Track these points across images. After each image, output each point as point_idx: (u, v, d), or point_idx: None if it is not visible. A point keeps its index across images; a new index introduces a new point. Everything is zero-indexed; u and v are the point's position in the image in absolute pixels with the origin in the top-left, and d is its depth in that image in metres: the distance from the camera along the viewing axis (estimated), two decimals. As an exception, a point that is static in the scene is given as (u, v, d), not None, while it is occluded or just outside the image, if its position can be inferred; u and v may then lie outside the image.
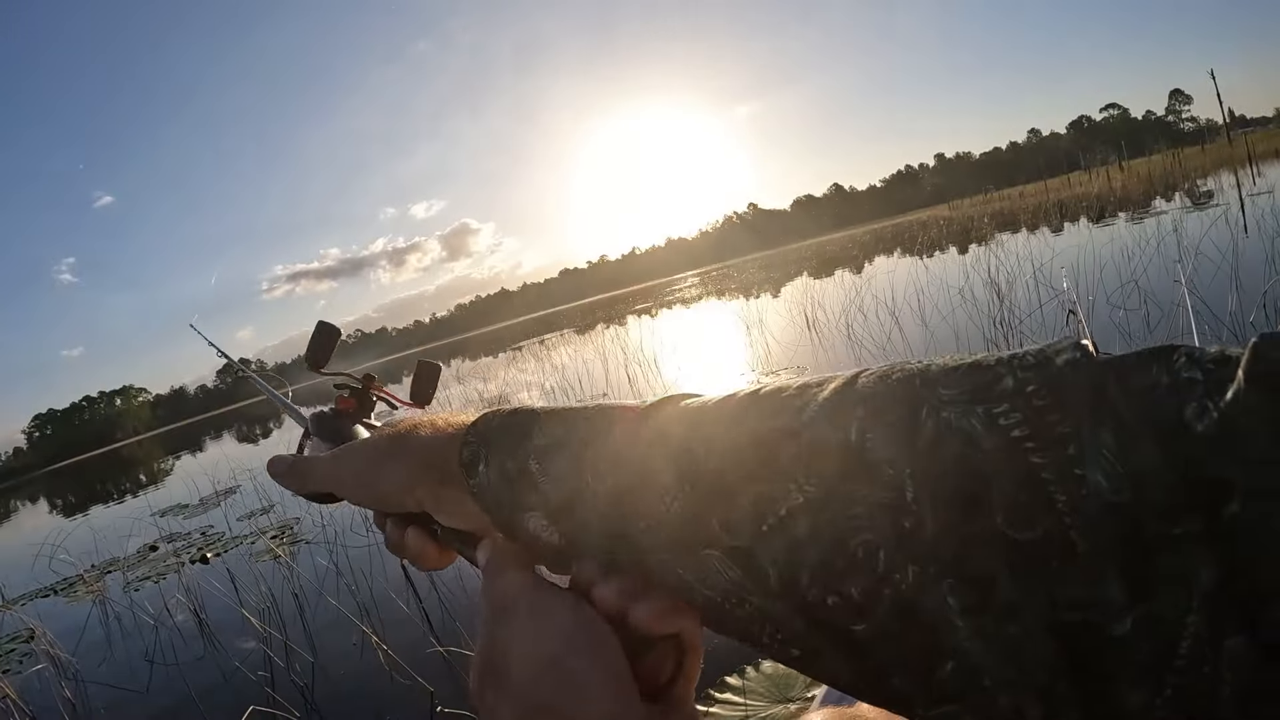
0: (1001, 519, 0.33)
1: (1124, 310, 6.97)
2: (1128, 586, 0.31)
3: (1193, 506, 0.30)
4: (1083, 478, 0.32)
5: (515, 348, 34.55)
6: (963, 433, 0.35)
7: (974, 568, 0.34)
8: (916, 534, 0.35)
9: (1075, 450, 0.32)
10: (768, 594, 0.41)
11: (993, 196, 56.26)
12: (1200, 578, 0.30)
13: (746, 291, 28.33)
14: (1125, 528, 0.31)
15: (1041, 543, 0.33)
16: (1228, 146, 46.19)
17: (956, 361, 0.38)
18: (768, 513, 0.40)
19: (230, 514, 10.09)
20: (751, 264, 71.55)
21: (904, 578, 0.36)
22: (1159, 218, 15.57)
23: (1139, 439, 0.31)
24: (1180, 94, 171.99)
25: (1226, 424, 0.30)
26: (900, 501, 0.36)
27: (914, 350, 7.67)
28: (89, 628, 6.36)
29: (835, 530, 0.37)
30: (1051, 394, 0.34)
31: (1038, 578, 0.33)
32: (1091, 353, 0.35)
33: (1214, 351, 0.32)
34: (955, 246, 22.22)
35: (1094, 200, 26.31)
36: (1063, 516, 0.32)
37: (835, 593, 0.38)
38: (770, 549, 0.40)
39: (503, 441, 0.54)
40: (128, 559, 8.91)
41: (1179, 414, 0.31)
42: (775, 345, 11.74)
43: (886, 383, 0.39)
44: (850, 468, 0.37)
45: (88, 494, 25.40)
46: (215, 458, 20.80)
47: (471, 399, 15.32)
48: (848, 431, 0.38)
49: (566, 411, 0.53)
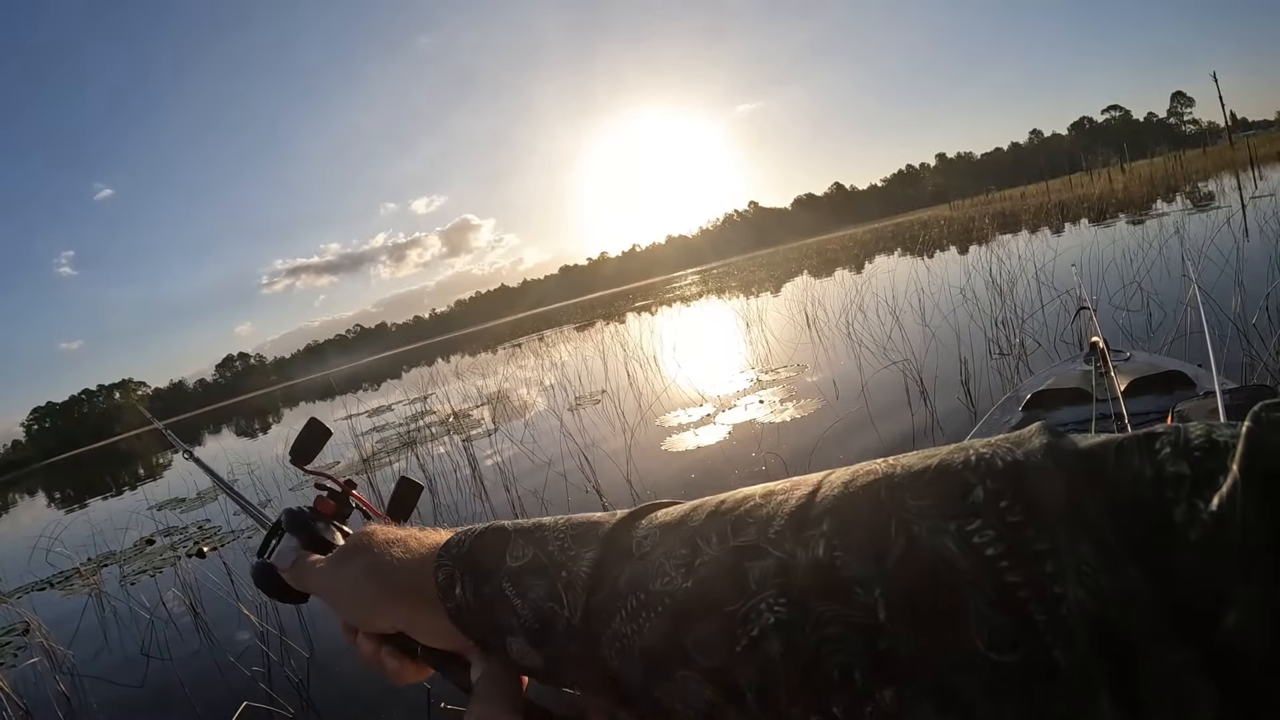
0: (980, 641, 0.31)
1: (1127, 311, 6.97)
2: (1120, 705, 0.29)
3: (1185, 635, 0.28)
4: (1062, 595, 0.30)
5: (515, 344, 34.60)
6: (935, 552, 0.33)
7: (954, 690, 0.32)
8: (892, 656, 0.34)
9: (1053, 567, 0.30)
10: (747, 714, 0.40)
11: (994, 197, 56.29)
12: (1198, 704, 0.27)
13: (746, 290, 28.40)
14: (1112, 645, 0.29)
15: (1023, 665, 0.31)
16: (1229, 149, 46.29)
17: (923, 462, 0.37)
18: (740, 634, 0.39)
19: (227, 509, 10.07)
20: (752, 262, 71.59)
21: (883, 698, 0.34)
22: (1161, 219, 15.60)
23: (1121, 557, 0.29)
24: (1182, 96, 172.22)
25: (1220, 531, 0.27)
26: (873, 622, 0.34)
27: (914, 349, 7.66)
28: (85, 621, 6.35)
29: (810, 651, 0.36)
30: (1025, 507, 0.32)
31: (1021, 699, 0.31)
32: (1066, 442, 0.33)
33: (1199, 437, 0.30)
34: (956, 246, 22.26)
35: (1095, 201, 26.32)
36: (1043, 636, 0.30)
37: (817, 712, 0.36)
38: (745, 670, 0.39)
39: (477, 564, 0.53)
40: (124, 552, 8.91)
41: (1166, 519, 0.29)
42: (775, 343, 11.76)
43: (851, 492, 0.38)
44: (821, 587, 0.36)
45: (85, 487, 25.41)
46: (214, 451, 20.83)
47: (470, 395, 15.33)
48: (816, 549, 0.37)
49: (537, 530, 0.52)
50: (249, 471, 12.76)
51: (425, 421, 13.08)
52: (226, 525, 9.00)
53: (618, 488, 5.77)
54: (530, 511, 5.79)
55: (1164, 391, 2.86)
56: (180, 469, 20.14)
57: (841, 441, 5.68)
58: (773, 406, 7.43)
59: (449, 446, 9.77)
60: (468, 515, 6.37)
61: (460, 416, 12.60)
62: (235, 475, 12.99)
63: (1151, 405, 2.69)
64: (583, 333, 28.43)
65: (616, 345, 17.19)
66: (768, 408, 7.43)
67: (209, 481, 5.00)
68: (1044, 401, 3.10)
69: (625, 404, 9.49)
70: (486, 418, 11.70)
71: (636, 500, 5.28)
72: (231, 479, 12.58)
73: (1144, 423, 1.88)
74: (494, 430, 10.26)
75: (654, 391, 10.01)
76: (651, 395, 9.78)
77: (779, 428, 6.58)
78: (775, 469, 5.36)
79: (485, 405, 13.28)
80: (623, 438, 7.55)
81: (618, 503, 5.36)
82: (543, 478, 6.55)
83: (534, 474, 6.91)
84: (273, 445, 17.28)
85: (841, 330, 10.93)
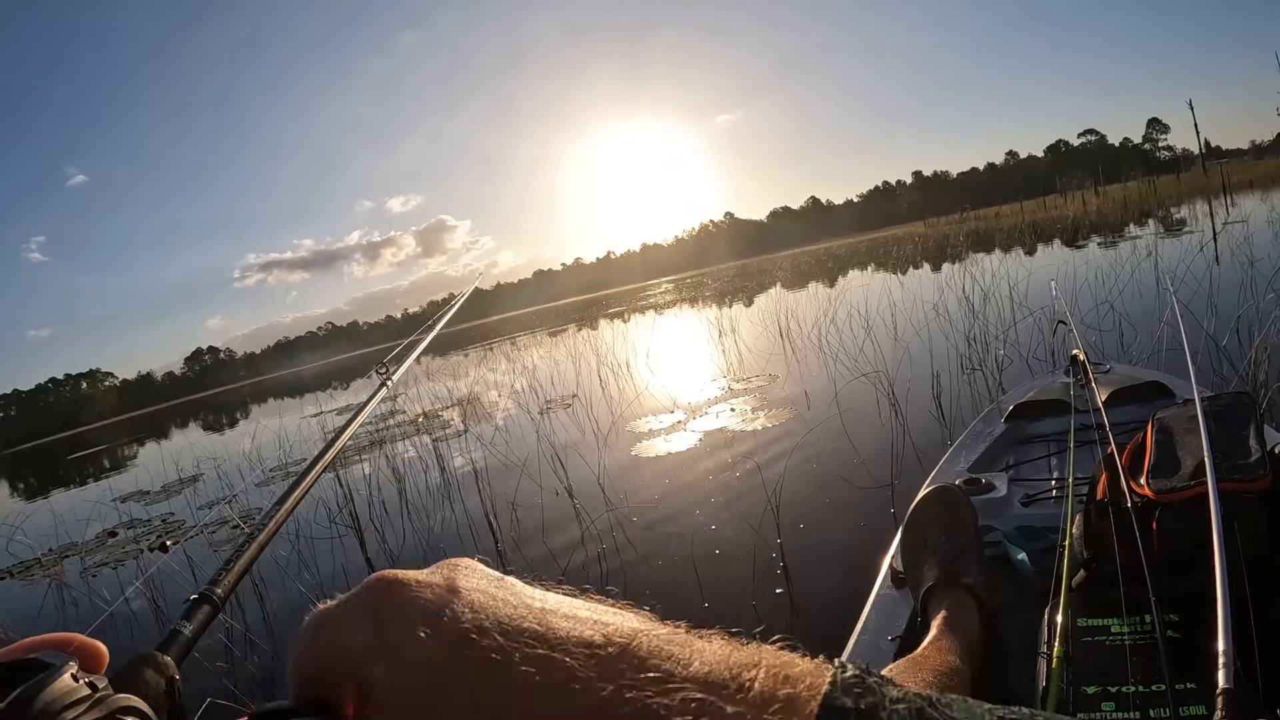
0: None
1: (1099, 330, 7.02)
2: None
3: None
4: None
5: (486, 346, 34.52)
6: None
7: None
8: None
9: None
10: None
11: (969, 216, 56.73)
12: None
13: (720, 300, 28.48)
14: None
15: None
16: (1203, 176, 46.87)
17: None
18: None
19: (192, 502, 9.99)
20: (726, 273, 71.88)
21: None
22: (1134, 242, 15.79)
23: None
24: (1158, 123, 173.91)
25: None
26: None
27: (886, 362, 7.70)
28: (44, 612, 6.26)
29: None
30: None
31: None
32: None
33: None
34: (929, 264, 22.40)
35: (1069, 223, 26.59)
36: None
37: None
38: None
39: None
40: (86, 544, 8.79)
41: None
42: (748, 353, 11.80)
43: None
44: None
45: (50, 477, 25.11)
46: (180, 445, 20.63)
47: (441, 396, 15.27)
48: None
49: None
50: (215, 466, 12.66)
51: (395, 421, 13.01)
52: (190, 520, 8.90)
53: (590, 493, 5.74)
54: (501, 515, 5.77)
55: (1144, 401, 2.90)
56: (145, 461, 19.94)
57: (814, 447, 5.70)
58: (744, 415, 7.44)
59: (418, 446, 9.72)
60: (437, 518, 6.33)
61: (430, 417, 12.54)
62: (201, 470, 12.90)
63: (1132, 415, 2.72)
64: (555, 338, 28.41)
65: (589, 350, 17.19)
66: (739, 416, 7.44)
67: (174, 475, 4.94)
68: (1026, 412, 3.13)
69: (597, 409, 9.48)
70: (456, 419, 11.65)
71: (609, 505, 5.29)
72: (197, 473, 12.53)
73: (1124, 431, 1.91)
74: (464, 431, 10.22)
75: (625, 398, 10.00)
76: (623, 401, 9.78)
77: (751, 435, 6.59)
78: (751, 476, 5.37)
79: (455, 407, 13.23)
80: (594, 442, 7.55)
81: (590, 508, 5.37)
82: (514, 481, 6.52)
83: (505, 476, 6.88)
84: (239, 441, 17.11)
85: (814, 342, 10.99)
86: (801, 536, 4.18)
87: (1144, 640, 1.38)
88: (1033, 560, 1.98)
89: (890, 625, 1.89)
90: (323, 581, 5.31)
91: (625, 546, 4.63)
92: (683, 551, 4.29)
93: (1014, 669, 1.57)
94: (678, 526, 4.76)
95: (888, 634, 1.85)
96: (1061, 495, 2.24)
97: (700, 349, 14.68)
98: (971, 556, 1.78)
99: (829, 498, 4.70)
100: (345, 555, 5.82)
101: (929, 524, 1.88)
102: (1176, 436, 1.61)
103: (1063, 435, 2.77)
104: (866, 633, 1.89)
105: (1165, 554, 1.39)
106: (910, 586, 1.86)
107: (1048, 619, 1.55)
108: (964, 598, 1.66)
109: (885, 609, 1.96)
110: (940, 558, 1.78)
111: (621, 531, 4.89)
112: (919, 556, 1.84)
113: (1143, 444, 1.67)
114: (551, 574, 1.34)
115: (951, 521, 1.86)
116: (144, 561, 6.98)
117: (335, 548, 6.01)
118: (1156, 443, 1.62)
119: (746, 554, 4.05)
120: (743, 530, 4.41)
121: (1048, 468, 2.70)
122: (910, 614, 1.87)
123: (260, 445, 14.06)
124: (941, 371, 6.71)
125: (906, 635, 1.82)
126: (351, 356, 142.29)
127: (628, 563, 4.37)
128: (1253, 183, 31.92)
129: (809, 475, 5.13)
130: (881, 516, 4.14)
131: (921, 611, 1.71)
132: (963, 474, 2.61)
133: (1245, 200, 23.33)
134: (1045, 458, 2.79)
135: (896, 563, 2.01)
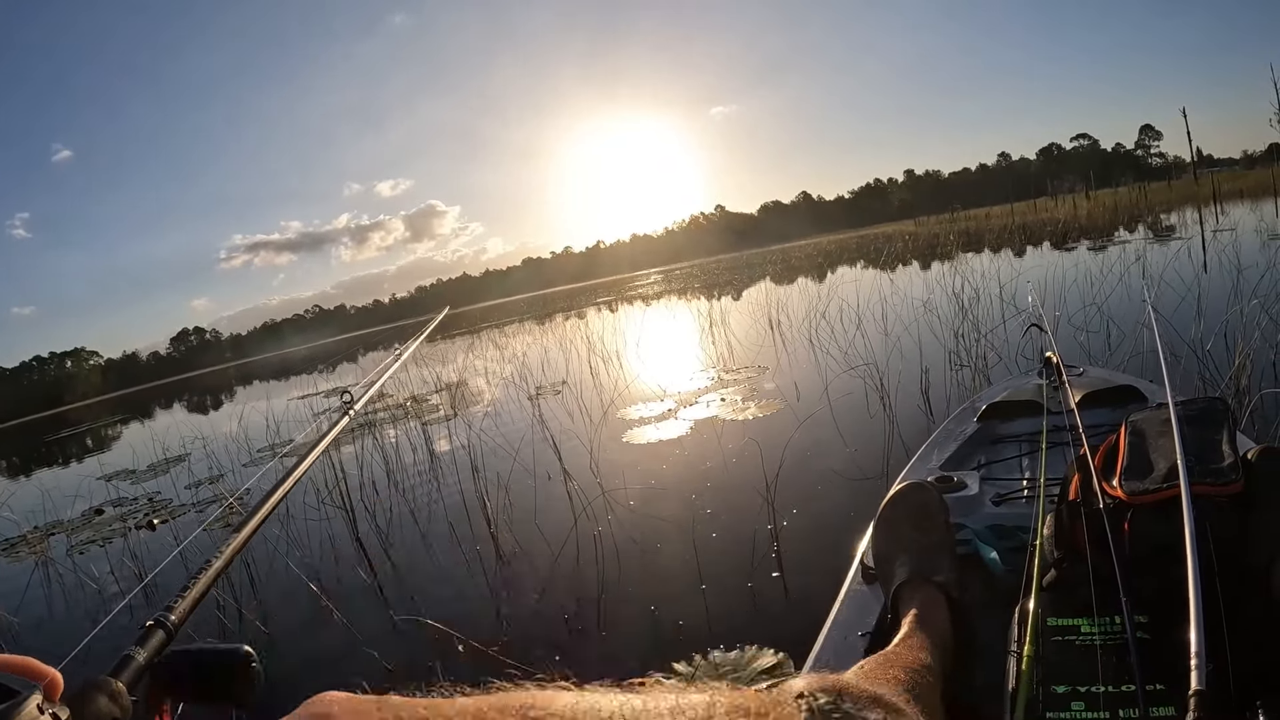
0: None
1: (1086, 332, 7.08)
2: None
3: None
4: None
5: (473, 331, 34.47)
6: None
7: None
8: None
9: None
10: None
11: (959, 216, 56.78)
12: None
13: (710, 292, 28.50)
14: None
15: None
16: (1194, 184, 46.96)
17: None
18: None
19: (179, 481, 9.97)
20: (716, 265, 71.85)
21: None
22: (1122, 246, 15.87)
23: None
24: (1151, 129, 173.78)
25: None
26: None
27: (876, 356, 7.75)
28: (30, 589, 6.25)
29: None
30: None
31: None
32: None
33: None
34: (919, 261, 22.46)
35: (1059, 226, 26.68)
36: None
37: None
38: None
39: None
40: (72, 521, 8.78)
41: None
42: (738, 344, 11.84)
43: None
44: None
45: (35, 455, 24.97)
46: (166, 425, 20.55)
47: (429, 382, 15.27)
48: None
49: None
50: (202, 446, 12.65)
51: (383, 404, 13.02)
52: (177, 498, 8.90)
53: (583, 477, 5.77)
54: (494, 497, 5.79)
55: (1117, 404, 2.92)
56: (132, 439, 19.87)
57: (805, 439, 5.73)
58: (734, 405, 7.48)
59: (407, 430, 9.73)
60: (425, 501, 6.35)
61: (419, 401, 12.55)
62: (188, 449, 12.89)
63: (1104, 418, 2.74)
64: (543, 325, 28.39)
65: (579, 338, 17.20)
66: (729, 406, 7.48)
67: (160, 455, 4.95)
68: (999, 413, 3.15)
69: (587, 396, 9.51)
70: (445, 403, 11.66)
71: (604, 490, 5.32)
72: (183, 453, 12.52)
73: (1096, 434, 1.92)
74: (453, 416, 10.23)
75: (615, 386, 10.03)
76: (613, 389, 9.81)
77: (741, 425, 6.64)
78: (744, 463, 5.42)
79: (444, 391, 13.24)
80: (585, 428, 7.58)
81: (585, 489, 5.41)
82: (505, 463, 6.55)
83: (496, 459, 6.90)
84: (226, 422, 17.07)
85: (804, 335, 11.03)
86: (794, 521, 4.23)
87: (1114, 640, 1.39)
88: (1003, 559, 1.99)
89: (860, 621, 1.89)
90: (313, 559, 5.36)
91: (620, 529, 4.66)
92: (681, 534, 4.33)
93: (984, 667, 1.56)
94: (674, 510, 4.79)
95: (858, 630, 1.85)
96: (1033, 495, 2.25)
97: (690, 339, 14.70)
98: (944, 554, 1.77)
99: (820, 486, 4.74)
100: (333, 533, 5.85)
101: (901, 520, 1.88)
102: (1150, 439, 1.63)
103: (1035, 436, 2.79)
104: (836, 629, 1.90)
105: (1137, 555, 1.41)
106: (881, 582, 1.85)
107: (1018, 617, 1.56)
108: (935, 595, 1.64)
109: (855, 604, 1.96)
110: (912, 554, 1.77)
111: (615, 514, 4.93)
112: (890, 552, 1.83)
113: (1115, 446, 1.68)
114: (545, 560, 1.41)
115: (924, 518, 1.86)
116: (131, 540, 6.97)
117: (324, 527, 6.03)
118: (1130, 445, 1.64)
119: (743, 538, 4.09)
120: (737, 515, 4.46)
121: (1019, 468, 2.72)
122: (881, 610, 1.86)
123: (247, 426, 14.04)
124: (930, 368, 6.75)
125: (876, 631, 1.82)
126: (338, 340, 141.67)
127: (623, 545, 4.40)
128: (1243, 192, 31.97)
129: (801, 465, 5.17)
130: (872, 508, 4.18)
131: (892, 608, 1.69)
132: (935, 471, 2.62)
133: (1235, 209, 23.42)
134: (1017, 458, 2.80)
135: (867, 558, 2.02)
